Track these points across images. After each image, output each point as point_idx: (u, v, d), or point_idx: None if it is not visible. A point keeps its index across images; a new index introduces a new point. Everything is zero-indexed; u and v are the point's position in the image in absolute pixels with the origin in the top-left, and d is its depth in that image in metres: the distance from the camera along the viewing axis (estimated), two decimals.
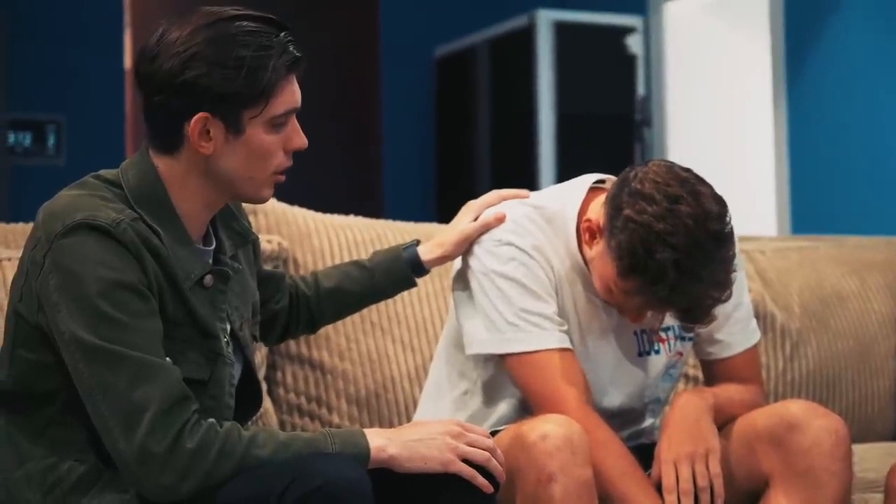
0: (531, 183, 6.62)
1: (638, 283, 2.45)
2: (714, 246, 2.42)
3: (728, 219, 2.46)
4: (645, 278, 2.43)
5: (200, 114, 2.13)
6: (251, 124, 2.16)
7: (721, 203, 2.46)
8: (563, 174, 6.60)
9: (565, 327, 2.62)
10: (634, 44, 7.04)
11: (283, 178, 2.27)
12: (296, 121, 2.24)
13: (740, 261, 2.62)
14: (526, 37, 6.96)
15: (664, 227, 2.40)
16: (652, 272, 2.41)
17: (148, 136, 2.22)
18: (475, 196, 2.77)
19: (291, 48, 2.18)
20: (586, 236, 2.58)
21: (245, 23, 2.15)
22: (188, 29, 2.14)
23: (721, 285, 2.46)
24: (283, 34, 2.18)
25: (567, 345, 2.60)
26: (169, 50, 2.13)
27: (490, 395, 2.73)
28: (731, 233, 2.47)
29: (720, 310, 2.53)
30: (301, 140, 2.24)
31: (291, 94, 2.20)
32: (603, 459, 2.49)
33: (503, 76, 7.28)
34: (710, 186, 2.48)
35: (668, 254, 2.39)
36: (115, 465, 2.08)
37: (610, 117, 7.02)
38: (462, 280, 2.68)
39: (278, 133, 2.20)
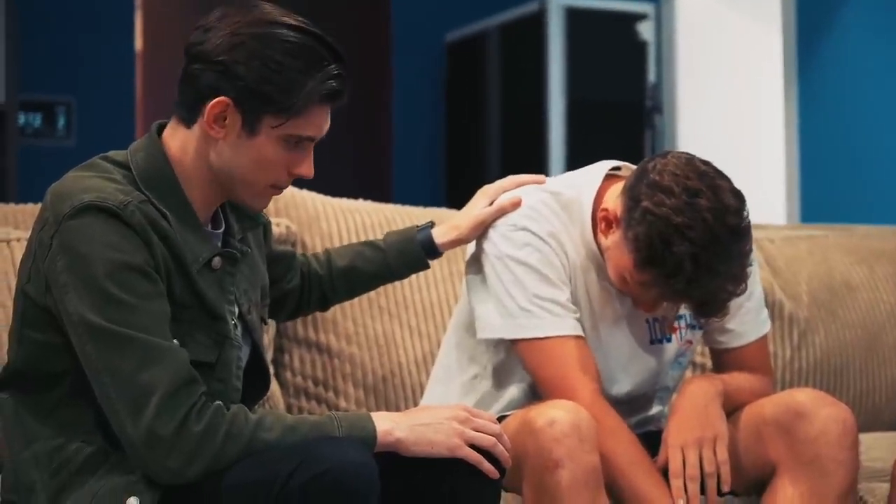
0: (541, 169, 6.62)
1: (654, 275, 2.45)
2: (731, 240, 2.42)
3: (746, 213, 2.46)
4: (662, 271, 2.43)
5: (224, 97, 2.13)
6: (267, 131, 2.16)
7: (739, 197, 2.46)
8: (573, 160, 6.60)
9: (578, 314, 2.62)
10: (646, 31, 7.03)
11: (279, 192, 2.27)
12: (311, 150, 2.23)
13: (753, 246, 2.61)
14: (537, 22, 6.96)
15: (683, 220, 2.39)
16: (669, 265, 2.41)
17: (176, 101, 2.22)
18: (484, 182, 2.77)
19: (336, 82, 2.16)
20: (602, 225, 2.58)
21: (301, 36, 2.15)
22: (250, 18, 2.15)
23: (737, 279, 2.46)
24: (335, 65, 2.17)
25: (579, 332, 2.60)
26: (224, 28, 2.14)
27: (500, 379, 2.73)
28: (749, 227, 2.47)
29: (732, 301, 2.53)
30: (309, 170, 2.24)
31: (318, 123, 2.19)
32: (612, 447, 2.49)
33: (514, 62, 7.28)
34: (728, 180, 2.48)
35: (685, 247, 2.38)
36: (123, 447, 2.08)
37: (620, 104, 7.02)
38: (476, 264, 2.68)
39: (289, 151, 2.19)
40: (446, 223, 2.71)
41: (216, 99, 2.13)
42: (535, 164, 6.72)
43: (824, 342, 3.61)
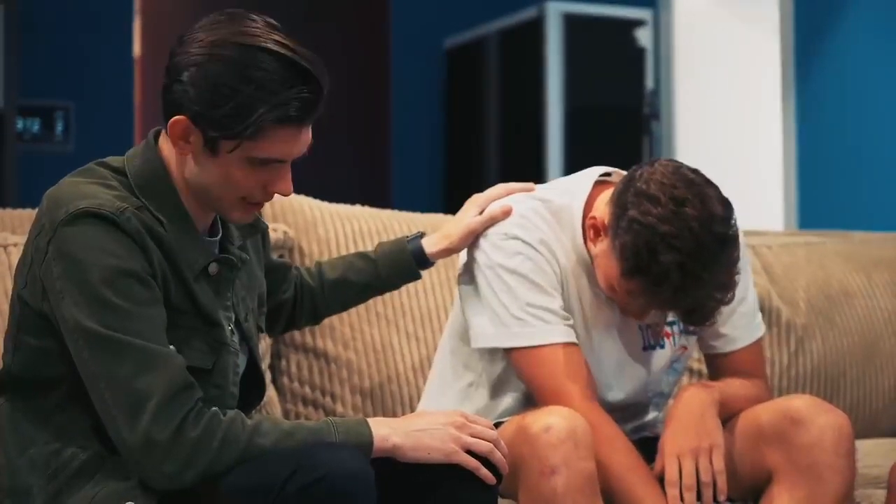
0: (539, 175, 6.63)
1: (641, 284, 2.44)
2: (718, 249, 2.42)
3: (734, 221, 2.46)
4: (648, 280, 2.42)
5: (182, 117, 2.11)
6: (226, 153, 2.13)
7: (727, 205, 2.46)
8: (571, 166, 6.61)
9: (570, 322, 2.62)
10: (644, 37, 7.04)
11: (257, 207, 2.25)
12: (287, 169, 2.19)
13: (746, 255, 2.61)
14: (535, 29, 6.97)
15: (669, 229, 2.39)
16: (655, 274, 2.40)
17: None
18: (483, 187, 2.77)
19: (296, 107, 2.10)
20: (591, 233, 2.57)
21: (270, 61, 2.09)
22: (221, 36, 2.10)
23: (724, 287, 2.45)
24: (301, 88, 2.10)
25: (572, 339, 2.60)
26: (192, 46, 2.11)
27: (495, 387, 2.73)
28: (736, 235, 2.47)
29: (722, 308, 2.52)
30: (286, 187, 2.20)
31: (282, 145, 2.14)
32: (607, 455, 2.49)
33: (512, 68, 7.28)
34: (716, 188, 2.47)
35: (672, 256, 2.38)
36: (119, 453, 2.08)
37: (618, 110, 7.03)
38: (468, 273, 2.68)
39: (259, 171, 2.15)
40: (437, 233, 2.72)
41: (175, 117, 2.12)
42: (534, 169, 6.73)
43: (821, 349, 3.61)
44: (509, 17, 7.27)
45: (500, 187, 2.73)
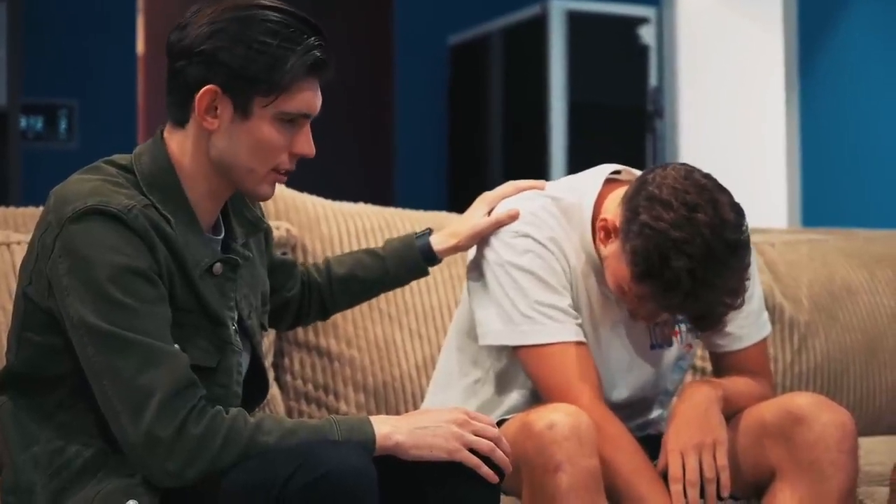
0: (543, 172, 6.63)
1: (652, 288, 2.44)
2: (729, 255, 2.42)
3: (745, 228, 2.46)
4: (659, 285, 2.42)
5: (211, 86, 2.14)
6: (259, 112, 2.16)
7: (739, 211, 2.46)
8: (575, 164, 6.61)
9: (579, 320, 2.62)
10: (647, 34, 7.04)
11: (283, 178, 2.27)
12: (308, 128, 2.24)
13: (751, 254, 2.61)
14: (539, 26, 6.97)
15: (681, 235, 2.39)
16: (666, 279, 2.40)
17: (167, 106, 2.23)
18: (487, 185, 2.77)
19: (318, 52, 2.18)
20: (601, 235, 2.57)
21: (278, 15, 2.17)
22: (222, 6, 2.17)
23: (735, 293, 2.45)
24: (314, 37, 2.18)
25: (581, 338, 2.60)
26: (199, 21, 2.16)
27: (501, 384, 2.73)
28: (747, 241, 2.47)
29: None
30: (308, 148, 2.24)
31: (309, 98, 2.20)
32: (612, 453, 2.48)
33: (516, 66, 7.28)
34: (728, 194, 2.47)
35: (683, 262, 2.38)
36: (122, 450, 2.08)
37: (622, 108, 7.02)
38: (477, 270, 2.68)
39: (286, 131, 2.20)
40: (445, 230, 2.72)
41: (203, 89, 2.14)
42: (537, 167, 6.73)
43: (824, 346, 3.61)
44: (513, 15, 7.27)
45: (510, 185, 2.73)
